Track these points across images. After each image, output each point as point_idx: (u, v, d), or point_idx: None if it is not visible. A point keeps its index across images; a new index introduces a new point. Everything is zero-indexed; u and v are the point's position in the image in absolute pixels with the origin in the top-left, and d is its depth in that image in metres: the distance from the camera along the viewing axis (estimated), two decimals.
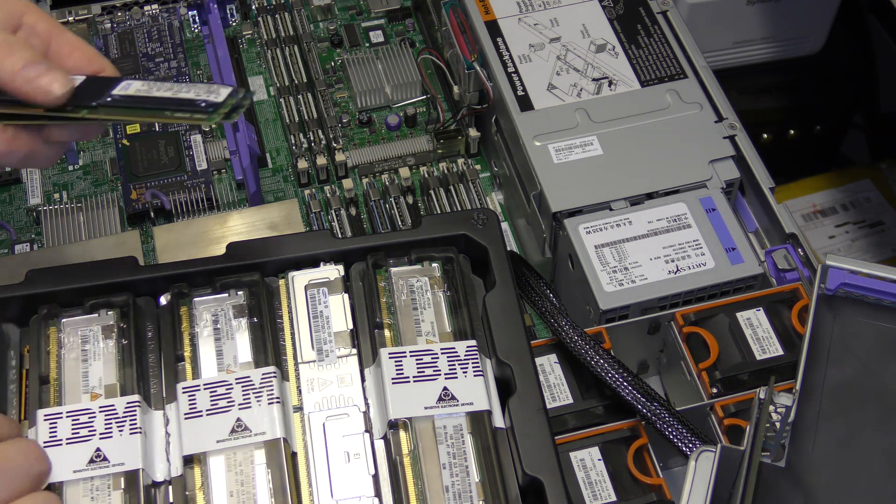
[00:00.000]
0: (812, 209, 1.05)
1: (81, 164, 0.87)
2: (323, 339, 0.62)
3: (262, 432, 0.57)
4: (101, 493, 0.56)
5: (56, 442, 0.57)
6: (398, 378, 0.59)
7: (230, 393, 0.58)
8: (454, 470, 0.57)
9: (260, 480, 0.57)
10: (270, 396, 0.58)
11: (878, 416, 0.57)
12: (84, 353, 0.60)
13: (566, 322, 0.65)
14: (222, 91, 0.57)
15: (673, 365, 0.70)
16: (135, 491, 0.56)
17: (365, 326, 0.62)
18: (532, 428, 0.58)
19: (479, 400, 0.59)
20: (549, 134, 0.76)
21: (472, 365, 0.59)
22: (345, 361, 0.61)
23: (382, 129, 0.89)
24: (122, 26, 0.94)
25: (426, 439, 0.58)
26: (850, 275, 0.61)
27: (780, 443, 0.56)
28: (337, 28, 0.95)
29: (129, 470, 0.56)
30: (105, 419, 0.57)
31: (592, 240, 0.71)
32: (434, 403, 0.58)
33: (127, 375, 0.60)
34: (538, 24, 0.83)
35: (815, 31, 1.03)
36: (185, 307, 0.62)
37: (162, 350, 0.61)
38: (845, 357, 0.59)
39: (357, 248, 0.64)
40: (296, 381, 0.61)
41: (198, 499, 0.56)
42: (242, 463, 0.57)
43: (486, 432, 0.58)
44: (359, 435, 0.59)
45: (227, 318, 0.62)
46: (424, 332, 0.61)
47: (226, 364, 0.60)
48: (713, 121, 0.77)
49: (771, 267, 0.71)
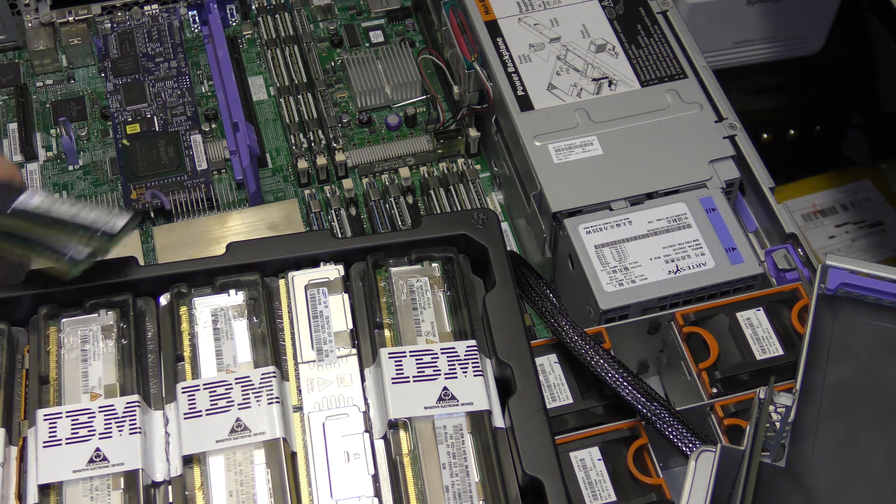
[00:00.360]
0: (812, 209, 1.05)
1: (81, 164, 0.87)
2: (323, 339, 0.62)
3: (261, 432, 0.57)
4: (100, 493, 0.56)
5: (56, 442, 0.57)
6: (398, 378, 0.59)
7: (230, 393, 0.58)
8: (454, 470, 0.57)
9: (259, 480, 0.57)
10: (270, 396, 0.58)
11: (877, 416, 0.57)
12: (84, 353, 0.60)
13: (566, 322, 0.65)
14: (119, 221, 0.59)
15: (673, 365, 0.70)
16: (134, 491, 0.56)
17: (365, 326, 0.62)
18: (532, 428, 0.58)
19: (479, 400, 0.59)
20: (549, 134, 0.76)
21: (472, 365, 0.59)
22: (345, 361, 0.61)
23: (382, 129, 0.89)
24: (122, 26, 0.93)
25: (426, 439, 0.58)
26: (849, 275, 0.61)
27: (780, 443, 0.56)
28: (337, 28, 0.95)
29: (128, 470, 0.56)
30: (105, 419, 0.57)
31: (592, 240, 0.71)
32: (434, 403, 0.58)
33: (127, 375, 0.60)
34: (538, 24, 0.83)
35: (815, 31, 1.03)
36: (184, 307, 0.62)
37: (161, 350, 0.61)
38: (845, 357, 0.59)
39: (357, 248, 0.64)
40: (295, 381, 0.61)
41: (197, 499, 0.56)
42: (242, 463, 0.57)
43: (486, 432, 0.58)
44: (358, 435, 0.59)
45: (226, 318, 0.62)
46: (424, 332, 0.61)
47: (225, 364, 0.60)
48: (713, 121, 0.77)
49: (771, 267, 0.71)
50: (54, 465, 0.56)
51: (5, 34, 0.94)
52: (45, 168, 0.87)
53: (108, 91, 0.90)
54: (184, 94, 0.89)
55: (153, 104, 0.89)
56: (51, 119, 0.90)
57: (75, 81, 0.92)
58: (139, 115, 0.88)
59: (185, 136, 0.87)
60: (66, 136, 0.86)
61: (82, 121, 0.90)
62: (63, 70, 0.93)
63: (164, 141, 0.86)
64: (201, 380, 0.59)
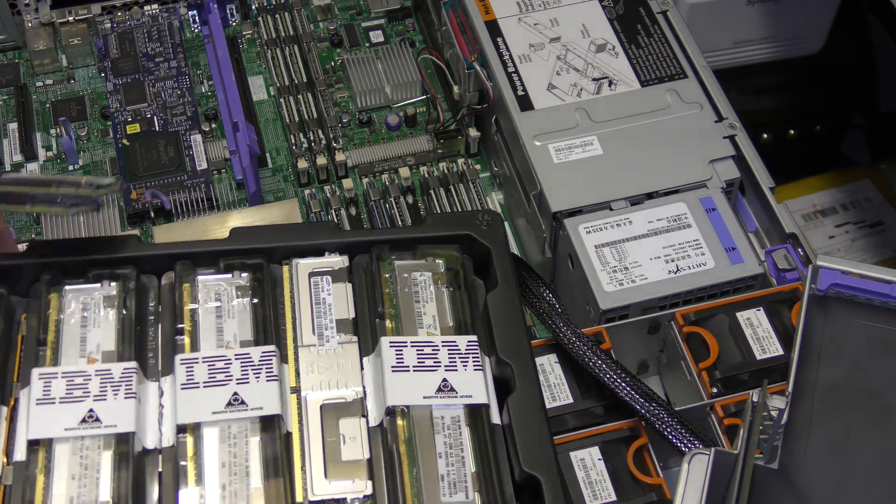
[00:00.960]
0: (812, 209, 1.05)
1: (81, 163, 0.87)
2: (324, 325, 0.62)
3: (258, 407, 0.57)
4: (90, 453, 0.55)
5: (49, 400, 0.56)
6: (398, 367, 0.59)
7: (228, 368, 0.58)
8: (450, 459, 0.57)
9: (253, 454, 0.56)
10: (269, 374, 0.58)
11: (870, 416, 0.57)
12: (84, 320, 0.60)
13: (563, 323, 0.65)
14: (105, 179, 0.63)
15: (673, 365, 0.70)
16: (125, 454, 0.55)
17: (366, 316, 0.62)
18: (531, 426, 0.58)
19: (479, 393, 0.59)
20: (549, 134, 0.76)
21: (472, 359, 0.59)
22: (344, 348, 0.61)
23: (382, 129, 0.89)
24: (122, 26, 0.94)
25: (423, 428, 0.58)
26: (840, 275, 0.61)
27: (774, 444, 0.56)
28: (337, 28, 0.95)
29: (121, 432, 0.56)
30: (101, 382, 0.57)
31: (592, 240, 0.71)
32: (433, 393, 0.58)
33: (125, 344, 0.59)
34: (538, 24, 0.83)
35: (815, 31, 1.03)
36: (187, 284, 0.62)
37: (161, 323, 0.61)
38: (837, 358, 0.59)
39: (362, 240, 0.64)
40: (294, 363, 0.60)
41: (189, 468, 0.56)
42: (237, 436, 0.57)
43: (484, 426, 0.58)
44: (355, 419, 0.58)
45: (229, 297, 0.62)
46: (426, 325, 0.61)
47: (225, 341, 0.60)
48: (713, 121, 0.77)
49: (771, 267, 0.71)
50: (46, 422, 0.55)
51: (5, 34, 0.94)
52: (45, 168, 0.87)
53: (108, 91, 0.90)
54: (184, 93, 0.89)
55: (153, 104, 0.89)
56: (51, 119, 0.90)
57: (75, 81, 0.93)
58: (139, 115, 0.88)
59: (185, 135, 0.87)
60: (66, 135, 0.86)
61: (82, 121, 0.90)
62: (63, 70, 0.93)
63: (164, 141, 0.86)
64: (200, 353, 0.59)
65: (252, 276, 0.62)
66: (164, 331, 0.61)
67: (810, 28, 1.02)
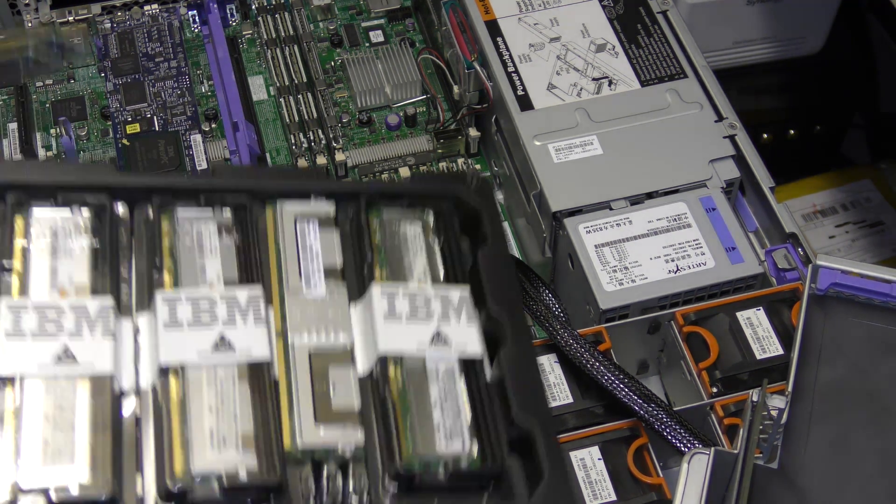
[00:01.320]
0: (812, 209, 1.05)
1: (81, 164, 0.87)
2: (311, 271, 0.59)
3: (247, 351, 0.55)
4: (66, 393, 0.52)
5: (20, 335, 0.53)
6: (390, 315, 0.57)
7: (214, 309, 0.56)
8: (445, 408, 0.55)
9: (242, 398, 0.54)
10: (257, 317, 0.56)
11: (869, 416, 0.57)
12: (54, 248, 0.56)
13: (561, 326, 0.65)
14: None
15: (673, 364, 0.70)
16: (102, 395, 0.52)
17: (354, 263, 0.60)
18: (523, 379, 0.57)
19: (473, 346, 0.57)
20: (549, 133, 0.76)
21: (465, 311, 0.58)
22: (332, 294, 0.59)
23: (382, 128, 0.89)
24: (122, 26, 0.94)
25: (417, 377, 0.56)
26: (840, 275, 0.61)
27: (773, 444, 0.56)
28: (337, 28, 0.95)
29: (98, 373, 0.53)
30: (76, 318, 0.54)
31: (592, 239, 0.71)
32: (426, 343, 0.57)
33: (99, 277, 0.56)
34: (538, 24, 0.83)
35: (815, 31, 1.03)
36: (166, 220, 0.58)
37: (135, 258, 0.58)
38: (837, 357, 0.59)
39: (350, 191, 0.62)
40: (280, 308, 0.58)
41: (173, 411, 0.53)
42: (224, 380, 0.54)
43: (477, 379, 0.57)
44: (346, 366, 0.56)
45: (210, 234, 0.58)
46: (416, 275, 0.60)
47: (209, 280, 0.57)
48: (713, 120, 0.77)
49: (771, 266, 0.71)
50: (18, 359, 0.52)
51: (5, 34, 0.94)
52: None
53: (108, 91, 0.90)
54: (184, 93, 0.89)
55: (153, 104, 0.89)
56: (51, 119, 0.90)
57: (75, 81, 0.93)
58: (139, 115, 0.88)
59: (185, 135, 0.87)
60: (66, 135, 0.86)
61: (82, 120, 0.90)
62: (63, 70, 0.93)
63: (164, 141, 0.86)
64: (183, 290, 0.56)
65: (235, 215, 0.59)
66: (138, 267, 0.57)
67: (810, 28, 1.02)
